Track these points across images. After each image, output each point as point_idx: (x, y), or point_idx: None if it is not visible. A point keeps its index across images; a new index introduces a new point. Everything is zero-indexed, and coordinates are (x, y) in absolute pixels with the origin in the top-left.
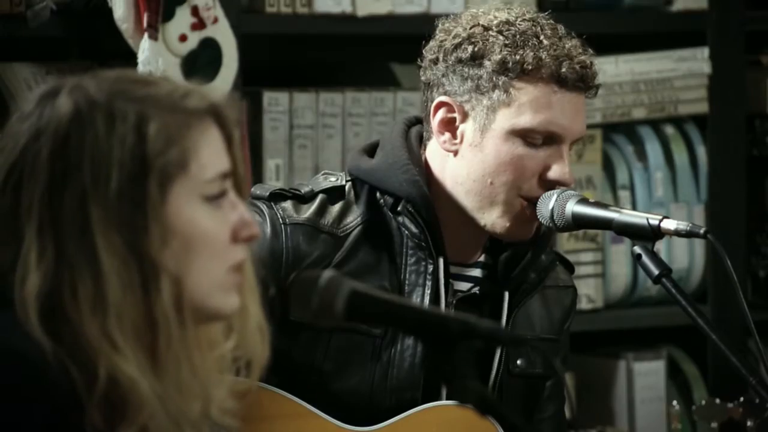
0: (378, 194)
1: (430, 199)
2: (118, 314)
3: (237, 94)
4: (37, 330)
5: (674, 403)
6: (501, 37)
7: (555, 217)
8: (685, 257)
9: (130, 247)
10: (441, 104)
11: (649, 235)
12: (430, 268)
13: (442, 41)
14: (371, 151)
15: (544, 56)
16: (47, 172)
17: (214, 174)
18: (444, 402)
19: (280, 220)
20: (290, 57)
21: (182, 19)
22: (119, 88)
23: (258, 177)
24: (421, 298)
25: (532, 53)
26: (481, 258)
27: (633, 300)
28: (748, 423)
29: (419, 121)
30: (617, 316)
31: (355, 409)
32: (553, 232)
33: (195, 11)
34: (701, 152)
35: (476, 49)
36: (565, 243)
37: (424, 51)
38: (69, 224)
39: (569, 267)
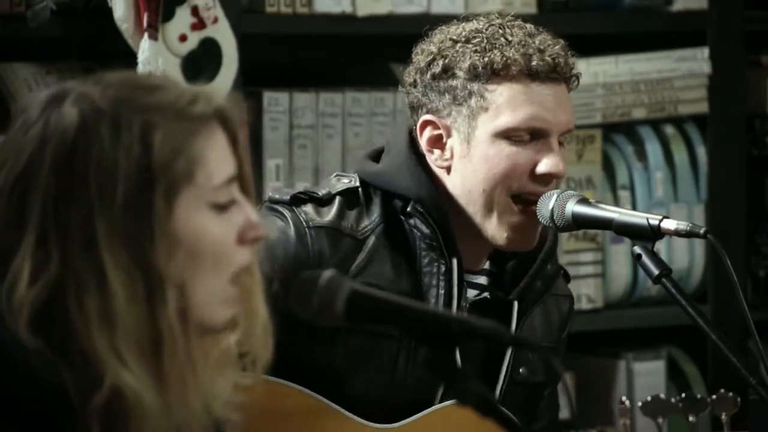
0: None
1: (440, 200)
2: (125, 328)
3: (238, 94)
4: (24, 334)
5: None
6: (470, 45)
7: (555, 217)
8: (685, 257)
9: (136, 260)
10: (425, 123)
11: (649, 235)
12: (443, 268)
13: (416, 62)
14: (376, 156)
15: (511, 54)
16: (52, 183)
17: (221, 180)
18: None
19: (304, 223)
20: (290, 57)
21: (182, 19)
22: (124, 95)
23: (258, 177)
24: (435, 299)
25: (499, 53)
26: (486, 266)
27: (633, 300)
28: (690, 418)
29: None
30: (617, 316)
31: (370, 405)
32: (558, 241)
33: (195, 11)
34: (701, 152)
35: (446, 61)
36: (565, 243)
37: (404, 76)
38: (74, 237)
39: (567, 276)
